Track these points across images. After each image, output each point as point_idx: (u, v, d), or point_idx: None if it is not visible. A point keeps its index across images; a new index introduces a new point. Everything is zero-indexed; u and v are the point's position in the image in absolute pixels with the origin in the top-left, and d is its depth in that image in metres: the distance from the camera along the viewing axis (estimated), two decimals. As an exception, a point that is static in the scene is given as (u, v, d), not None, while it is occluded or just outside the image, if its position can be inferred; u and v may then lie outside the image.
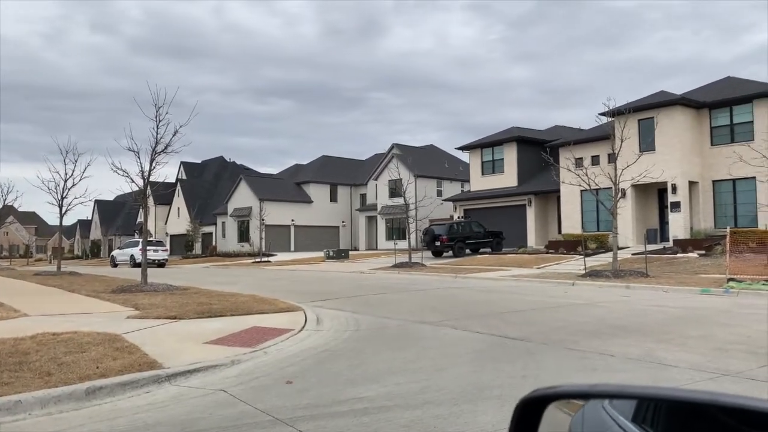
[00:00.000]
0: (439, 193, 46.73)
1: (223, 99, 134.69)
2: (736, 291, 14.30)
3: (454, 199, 41.68)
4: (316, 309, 11.82)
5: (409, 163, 45.59)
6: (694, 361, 6.45)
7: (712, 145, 27.93)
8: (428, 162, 49.28)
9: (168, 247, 49.35)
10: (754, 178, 25.26)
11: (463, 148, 41.75)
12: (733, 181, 26.89)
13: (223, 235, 56.53)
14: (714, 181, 27.83)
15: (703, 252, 23.77)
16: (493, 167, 39.18)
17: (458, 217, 39.37)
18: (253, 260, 40.37)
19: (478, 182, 39.96)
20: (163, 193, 51.86)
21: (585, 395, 0.95)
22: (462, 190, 45.92)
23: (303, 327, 9.50)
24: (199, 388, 5.95)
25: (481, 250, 34.01)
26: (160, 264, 38.80)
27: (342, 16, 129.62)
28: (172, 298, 13.80)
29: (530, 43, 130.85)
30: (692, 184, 27.83)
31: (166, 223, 64.17)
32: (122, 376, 6.02)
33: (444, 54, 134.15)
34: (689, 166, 27.55)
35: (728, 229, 18.69)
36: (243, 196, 53.44)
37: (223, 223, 56.80)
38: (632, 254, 24.52)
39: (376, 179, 49.83)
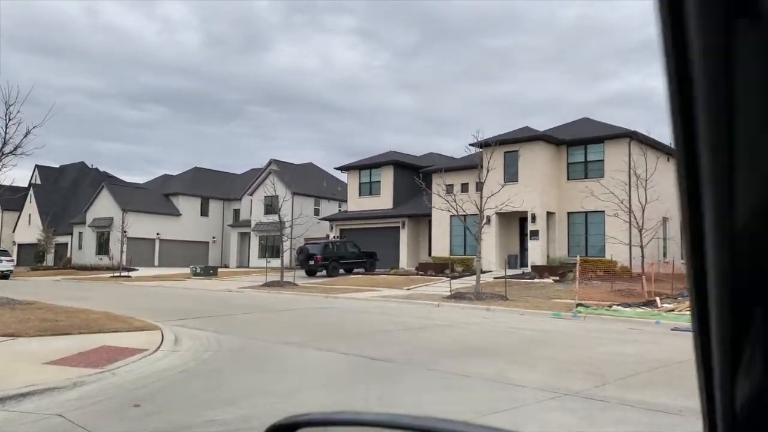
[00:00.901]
0: (317, 212, 46.64)
1: (91, 102, 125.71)
2: (583, 315, 15.49)
3: (330, 219, 41.79)
4: (176, 328, 11.24)
5: (287, 180, 45.15)
6: (541, 381, 6.86)
7: (568, 179, 30.31)
8: (307, 180, 49.09)
9: (14, 257, 45.03)
10: (603, 212, 27.68)
11: (342, 169, 42.12)
12: (585, 213, 29.31)
13: (80, 247, 52.48)
14: (569, 213, 30.15)
15: (558, 278, 25.59)
16: (370, 189, 39.84)
17: (334, 237, 39.47)
18: (112, 275, 37.81)
19: (356, 203, 40.41)
20: (11, 198, 47.41)
21: (325, 423, 0.98)
22: (340, 210, 46.17)
23: (159, 347, 8.98)
24: (32, 413, 5.42)
25: (355, 270, 34.27)
26: (4, 275, 35.32)
27: (226, 27, 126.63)
28: (11, 313, 12.52)
29: (412, 72, 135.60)
30: (550, 215, 29.96)
31: (14, 231, 58.49)
32: (-63, 401, 5.33)
33: (329, 75, 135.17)
34: (548, 197, 29.67)
35: (578, 258, 20.28)
36: (104, 206, 50.02)
37: (81, 233, 52.77)
38: (494, 278, 25.84)
39: (251, 195, 48.75)
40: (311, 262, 32.45)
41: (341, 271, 33.26)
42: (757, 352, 0.55)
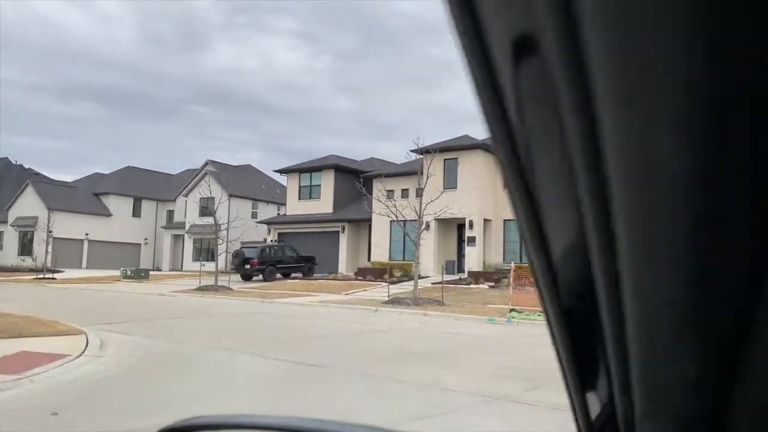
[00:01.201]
0: (254, 215, 45.85)
1: (17, 94, 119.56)
2: (516, 321, 15.84)
3: (268, 222, 41.17)
4: (102, 333, 10.78)
5: (224, 182, 44.23)
6: (473, 386, 6.94)
7: (504, 187, 30.97)
8: (244, 182, 48.22)
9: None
10: (537, 219, 28.43)
11: (281, 171, 41.61)
12: (520, 221, 30.03)
13: (0, 247, 49.76)
14: (505, 220, 30.82)
15: (493, 284, 26.08)
16: (310, 192, 39.51)
17: (272, 241, 38.92)
18: (36, 276, 36.00)
19: (295, 207, 39.99)
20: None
21: (218, 426, 0.96)
22: (278, 213, 45.54)
23: (83, 352, 8.59)
24: (-62, 424, 5.05)
25: (293, 274, 33.86)
26: None
27: (166, 24, 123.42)
28: None
29: (354, 76, 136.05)
30: (487, 222, 30.56)
31: (-73, 229, 54.89)
32: None
33: (269, 76, 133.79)
34: (485, 205, 30.25)
35: (513, 265, 20.72)
36: (29, 204, 47.62)
37: (1, 233, 50.06)
38: (432, 283, 26.08)
39: (186, 196, 47.47)
40: (247, 266, 31.86)
41: (278, 275, 32.81)
42: (601, 368, 0.53)
